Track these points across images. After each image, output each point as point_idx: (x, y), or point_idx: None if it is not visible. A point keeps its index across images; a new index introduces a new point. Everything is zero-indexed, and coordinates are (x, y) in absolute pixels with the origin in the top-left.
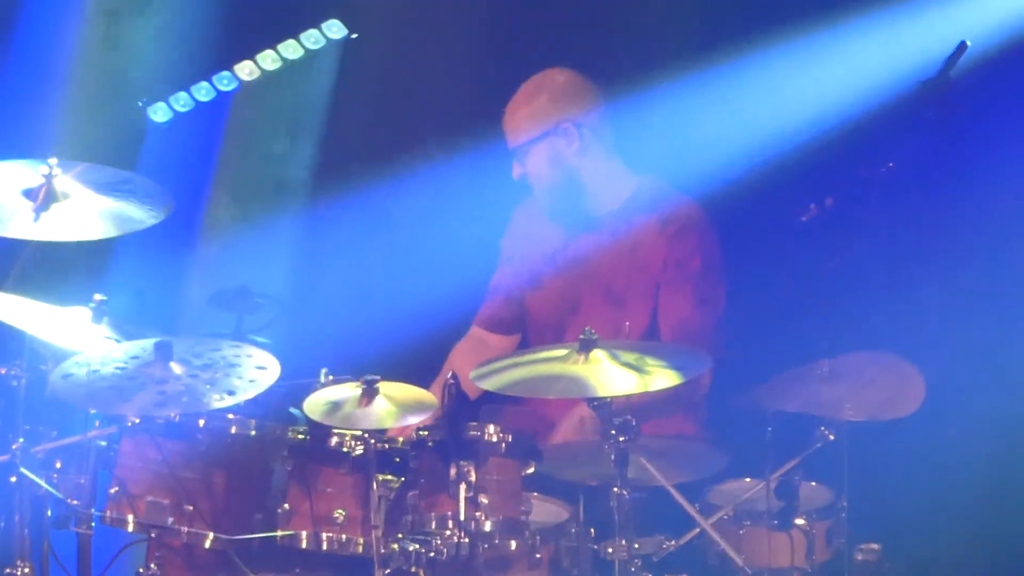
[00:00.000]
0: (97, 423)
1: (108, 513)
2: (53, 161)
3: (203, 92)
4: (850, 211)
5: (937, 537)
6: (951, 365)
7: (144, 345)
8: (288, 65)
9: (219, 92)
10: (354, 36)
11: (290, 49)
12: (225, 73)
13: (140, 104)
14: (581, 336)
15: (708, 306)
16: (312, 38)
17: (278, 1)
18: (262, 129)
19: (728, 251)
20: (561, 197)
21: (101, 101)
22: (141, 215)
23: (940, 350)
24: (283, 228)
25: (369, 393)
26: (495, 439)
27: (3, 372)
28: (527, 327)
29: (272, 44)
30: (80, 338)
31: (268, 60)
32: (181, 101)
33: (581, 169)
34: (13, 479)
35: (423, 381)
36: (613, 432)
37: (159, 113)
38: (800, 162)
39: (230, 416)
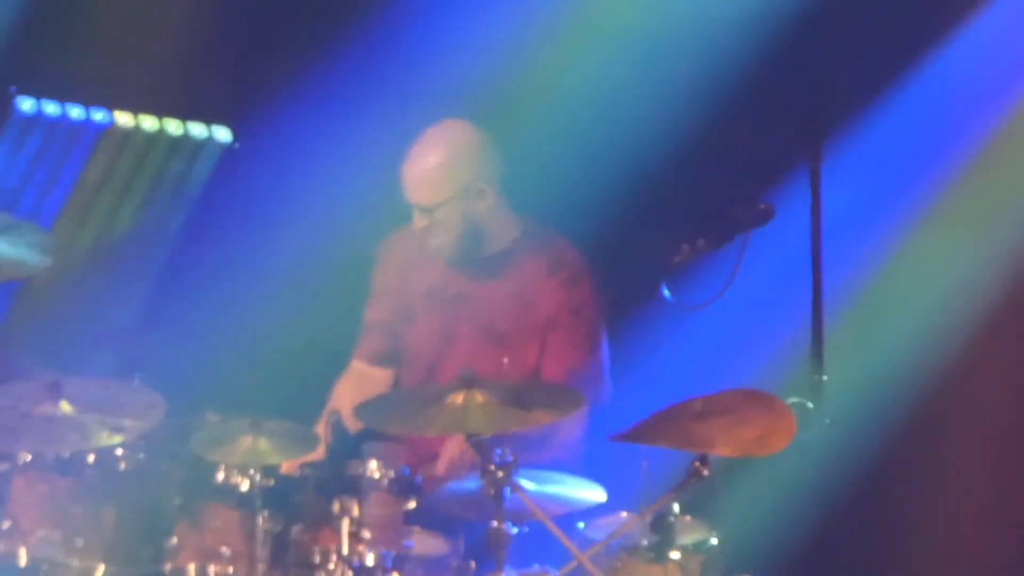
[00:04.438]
0: None
1: (0, 547)
2: None
3: (75, 112)
4: (722, 251)
5: (811, 569)
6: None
7: (34, 384)
8: (161, 138)
9: (90, 120)
10: (236, 145)
11: (172, 126)
12: (101, 110)
13: (11, 89)
14: (461, 374)
15: (600, 351)
16: (197, 129)
17: (187, 80)
18: (118, 179)
19: (604, 290)
20: (465, 246)
21: None
22: (28, 261)
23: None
24: (142, 266)
25: (255, 430)
26: (377, 475)
27: None
28: (401, 361)
29: (161, 112)
30: None
31: (147, 122)
32: (50, 108)
33: (484, 220)
34: None
35: (305, 414)
36: (491, 467)
37: (27, 105)
38: (671, 201)
39: (119, 452)
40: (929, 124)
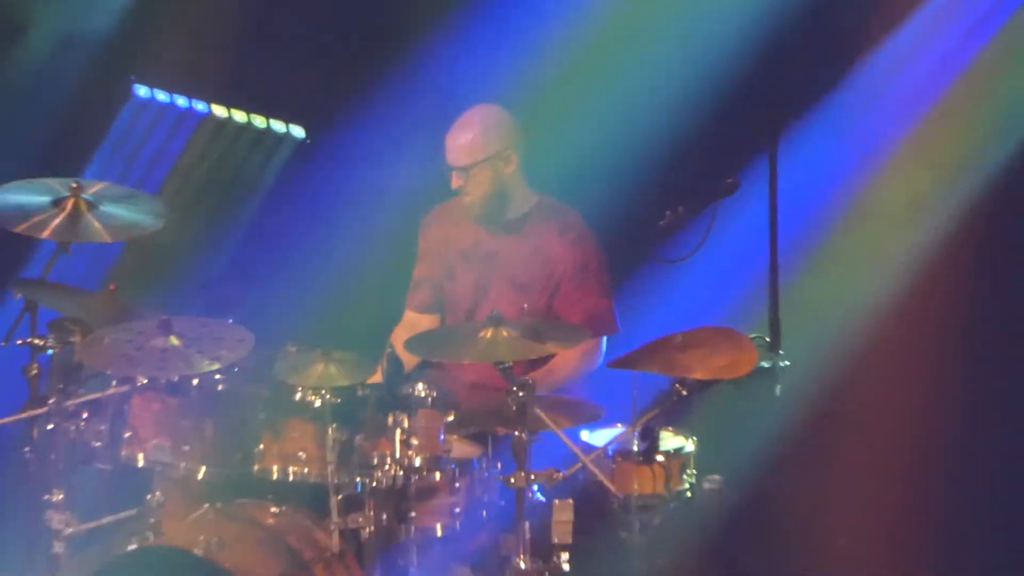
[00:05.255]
0: (114, 383)
1: (123, 453)
2: (76, 184)
3: (181, 101)
4: (698, 217)
5: (768, 470)
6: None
7: (149, 322)
8: (248, 130)
9: (192, 109)
10: (308, 141)
11: (257, 120)
12: (202, 102)
13: (131, 78)
14: (490, 315)
15: (607, 297)
16: (278, 125)
17: (272, 84)
18: (211, 159)
19: (605, 247)
20: (492, 205)
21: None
22: (145, 223)
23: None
24: (232, 229)
25: (325, 359)
26: (423, 395)
27: (41, 343)
28: (444, 309)
29: (249, 108)
30: (102, 317)
31: (238, 115)
32: (161, 96)
33: (509, 184)
34: (50, 427)
35: (366, 347)
36: (515, 388)
37: (142, 92)
38: (659, 170)
39: (217, 377)
40: (865, 116)
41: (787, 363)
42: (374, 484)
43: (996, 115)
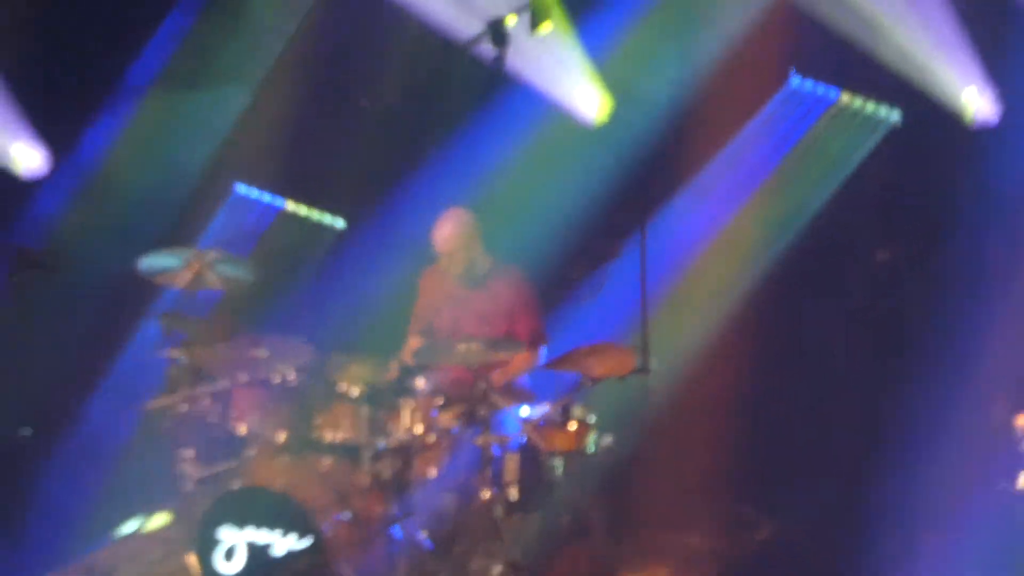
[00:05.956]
0: (224, 380)
1: (230, 425)
2: (198, 251)
3: (266, 197)
4: (597, 272)
5: (641, 434)
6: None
7: (245, 340)
8: (309, 222)
9: (272, 205)
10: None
11: (315, 214)
12: (279, 197)
13: (234, 184)
14: (463, 337)
15: (542, 320)
16: (328, 217)
17: (328, 184)
18: (286, 240)
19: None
20: (464, 271)
21: None
22: (243, 278)
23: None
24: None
25: (359, 362)
26: (422, 386)
27: (176, 354)
28: (432, 334)
29: (311, 204)
30: (214, 337)
31: (303, 210)
32: (253, 192)
33: (475, 258)
34: (184, 409)
35: (387, 354)
36: (481, 381)
37: (242, 189)
38: (571, 243)
39: (291, 375)
40: (710, 196)
41: (655, 366)
42: (391, 444)
43: (800, 191)
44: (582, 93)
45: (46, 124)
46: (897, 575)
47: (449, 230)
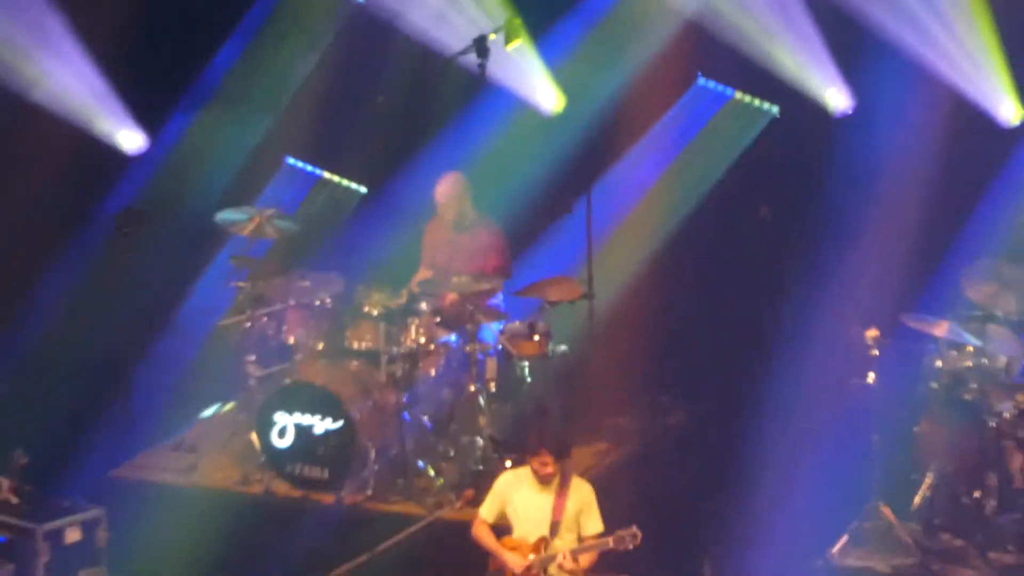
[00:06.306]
0: (278, 304)
1: (282, 337)
2: (258, 208)
3: (308, 168)
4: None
5: (586, 343)
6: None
7: (294, 274)
8: (340, 188)
9: (313, 173)
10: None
11: (345, 181)
12: (319, 168)
13: (286, 158)
14: (456, 270)
15: (508, 259)
16: (353, 184)
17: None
18: (320, 204)
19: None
20: (457, 220)
21: None
22: (291, 228)
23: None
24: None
25: (377, 289)
26: (425, 306)
27: (243, 285)
28: (433, 267)
29: (340, 174)
30: (271, 271)
31: (336, 178)
32: (299, 164)
33: (465, 210)
34: (248, 325)
35: (399, 284)
36: (468, 303)
37: (290, 161)
38: (536, 200)
39: (328, 300)
40: (635, 172)
41: (595, 293)
42: (402, 351)
43: (704, 166)
44: (542, 91)
45: (143, 112)
46: (774, 448)
47: (446, 187)
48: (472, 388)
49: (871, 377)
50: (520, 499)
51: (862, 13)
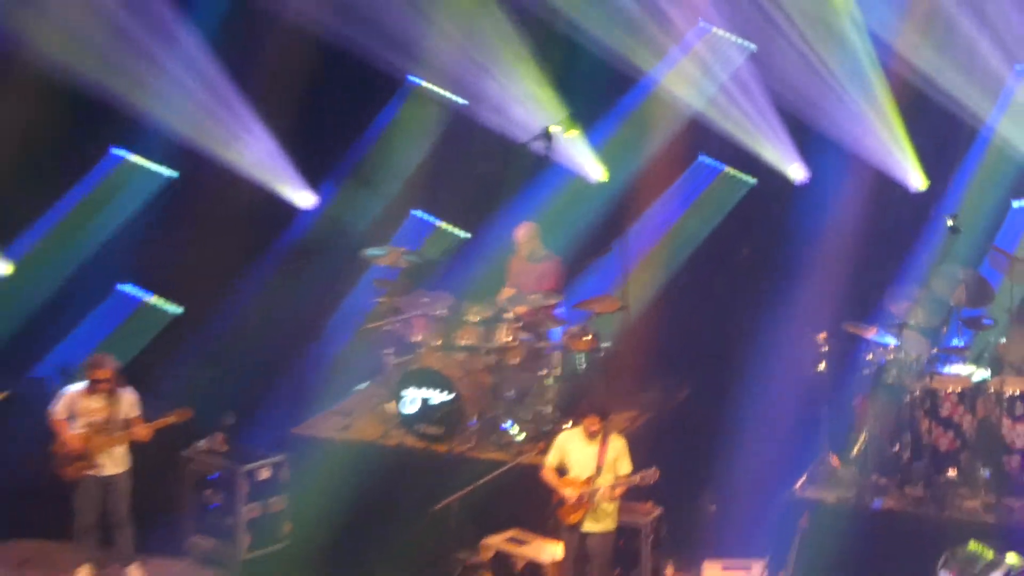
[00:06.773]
0: (408, 313)
1: (410, 337)
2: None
3: (429, 217)
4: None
5: (622, 335)
6: None
7: (416, 293)
8: (441, 233)
9: (430, 223)
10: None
11: (445, 226)
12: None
13: (412, 210)
14: (527, 293)
15: (561, 284)
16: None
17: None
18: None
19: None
20: (529, 255)
21: None
22: (415, 260)
23: None
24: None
25: (468, 311)
26: (510, 316)
27: (383, 300)
28: (515, 286)
29: (445, 219)
30: (406, 289)
31: (446, 225)
32: (427, 217)
33: (536, 248)
34: (388, 328)
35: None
36: (539, 313)
37: (419, 214)
38: (585, 242)
39: (445, 310)
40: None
41: (628, 306)
42: (494, 346)
43: (700, 221)
44: (590, 166)
45: (311, 177)
46: (754, 415)
47: (523, 231)
48: (543, 372)
49: (822, 366)
50: (574, 449)
51: (813, 108)
